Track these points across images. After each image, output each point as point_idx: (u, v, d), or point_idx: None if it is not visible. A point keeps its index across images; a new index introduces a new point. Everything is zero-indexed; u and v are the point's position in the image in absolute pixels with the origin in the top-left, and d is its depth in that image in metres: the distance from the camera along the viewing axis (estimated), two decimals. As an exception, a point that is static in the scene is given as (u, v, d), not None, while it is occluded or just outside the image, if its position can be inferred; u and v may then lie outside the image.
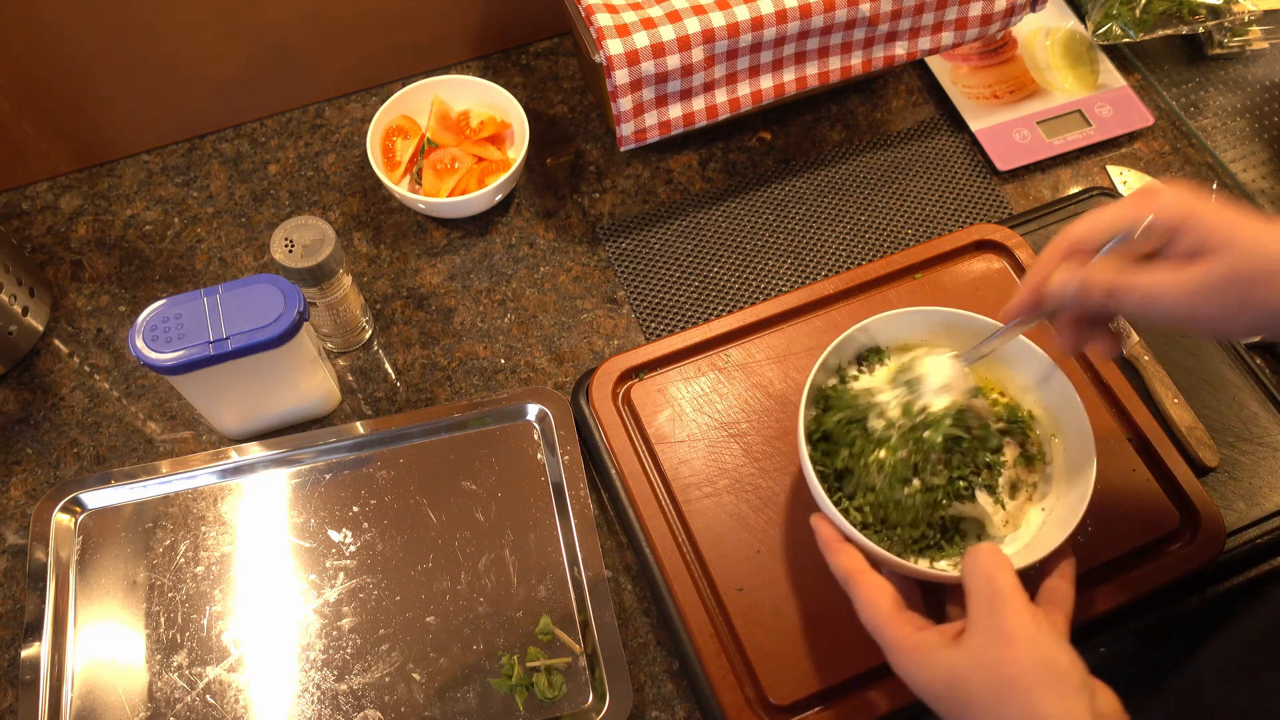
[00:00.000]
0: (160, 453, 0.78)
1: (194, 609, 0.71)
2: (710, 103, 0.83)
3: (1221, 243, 0.50)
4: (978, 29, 0.86)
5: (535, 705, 0.68)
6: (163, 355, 0.65)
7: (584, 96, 0.97)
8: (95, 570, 0.72)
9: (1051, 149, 0.94)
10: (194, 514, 0.74)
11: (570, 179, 0.92)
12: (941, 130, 0.96)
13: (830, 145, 0.95)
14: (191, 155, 0.93)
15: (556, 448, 0.76)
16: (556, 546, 0.73)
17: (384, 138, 0.88)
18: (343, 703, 0.68)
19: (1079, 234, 0.56)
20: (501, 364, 0.83)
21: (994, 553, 0.54)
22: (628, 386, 0.78)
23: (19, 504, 0.76)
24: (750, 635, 0.68)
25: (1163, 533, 0.71)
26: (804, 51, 0.83)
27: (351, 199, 0.90)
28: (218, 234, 0.88)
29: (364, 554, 0.73)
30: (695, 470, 0.73)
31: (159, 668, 0.69)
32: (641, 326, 0.85)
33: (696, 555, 0.71)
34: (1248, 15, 0.99)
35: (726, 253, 0.88)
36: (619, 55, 0.77)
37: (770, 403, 0.76)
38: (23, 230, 0.88)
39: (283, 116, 0.95)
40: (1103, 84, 0.98)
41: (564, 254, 0.88)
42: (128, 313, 0.84)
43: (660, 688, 0.70)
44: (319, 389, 0.77)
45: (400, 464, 0.76)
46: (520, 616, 0.71)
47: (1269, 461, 0.77)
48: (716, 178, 0.93)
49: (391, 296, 0.86)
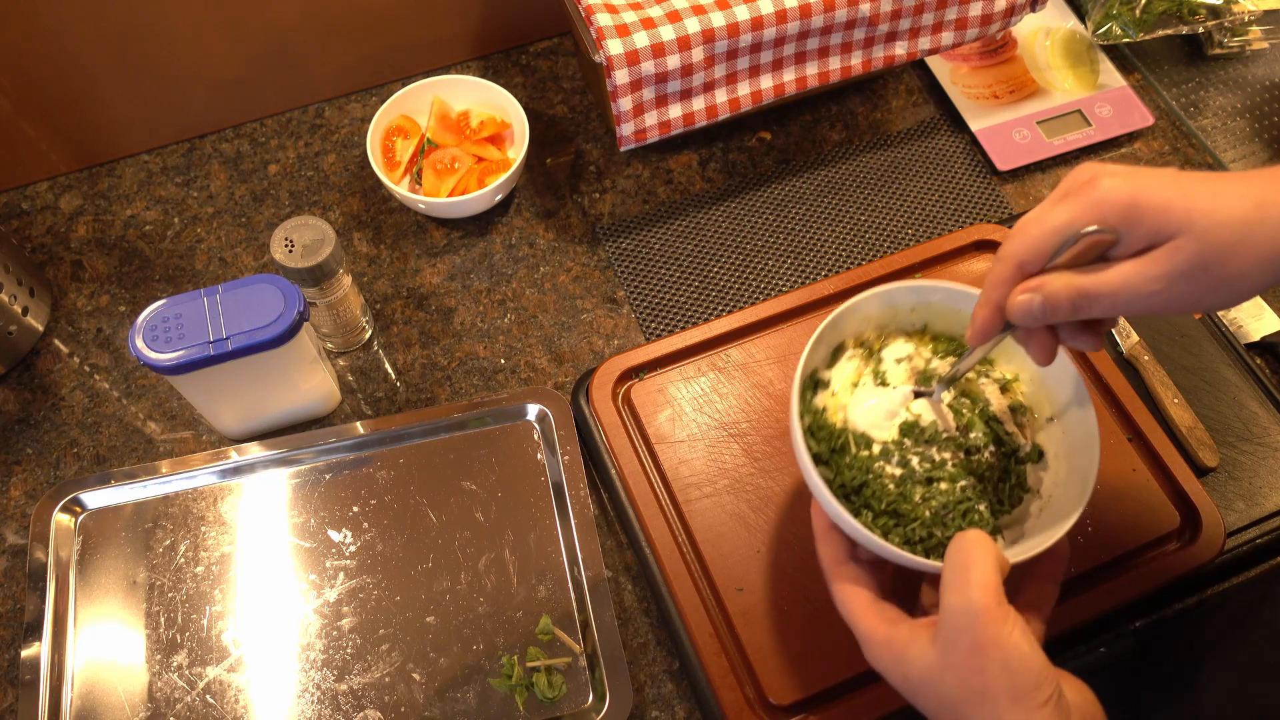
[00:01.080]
0: (160, 453, 0.78)
1: (194, 609, 0.71)
2: (710, 103, 0.83)
3: (1178, 227, 0.48)
4: (978, 29, 0.86)
5: (535, 705, 0.68)
6: (163, 355, 0.65)
7: (584, 96, 0.97)
8: (95, 570, 0.72)
9: (1051, 149, 0.94)
10: (194, 514, 0.74)
11: (570, 179, 0.92)
12: (941, 130, 0.96)
13: (830, 145, 0.95)
14: (191, 155, 0.93)
15: (556, 448, 0.76)
16: (556, 546, 0.73)
17: (384, 138, 0.88)
18: (343, 703, 0.68)
19: (1022, 254, 0.52)
20: (501, 364, 0.83)
21: (978, 546, 0.51)
22: (628, 386, 0.78)
23: (19, 504, 0.76)
24: (750, 635, 0.68)
25: (1163, 533, 0.72)
26: (804, 51, 0.83)
27: (351, 199, 0.90)
28: (218, 234, 0.88)
29: (364, 554, 0.73)
30: (695, 470, 0.73)
31: (159, 668, 0.69)
32: (641, 326, 0.85)
33: (696, 555, 0.71)
34: (1248, 15, 0.99)
35: (726, 253, 0.88)
36: (619, 55, 0.77)
37: (770, 403, 0.76)
38: (23, 230, 0.88)
39: (283, 116, 0.95)
40: (1103, 84, 0.98)
41: (564, 254, 0.88)
42: (128, 313, 0.84)
43: (660, 688, 0.70)
44: (319, 389, 0.77)
45: (400, 464, 0.76)
46: (520, 616, 0.71)
47: (1269, 461, 0.77)
48: (716, 178, 0.93)
49: (391, 296, 0.86)
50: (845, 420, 0.63)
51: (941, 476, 0.61)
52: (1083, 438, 0.61)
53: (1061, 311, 0.51)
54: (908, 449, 0.62)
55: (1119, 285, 0.49)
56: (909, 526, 0.60)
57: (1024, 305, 0.52)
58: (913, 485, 0.61)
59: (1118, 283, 0.49)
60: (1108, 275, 0.50)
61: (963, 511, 0.60)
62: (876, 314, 0.65)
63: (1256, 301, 0.86)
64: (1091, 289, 0.50)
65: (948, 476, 0.61)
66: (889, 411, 0.62)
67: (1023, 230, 0.52)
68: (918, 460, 0.61)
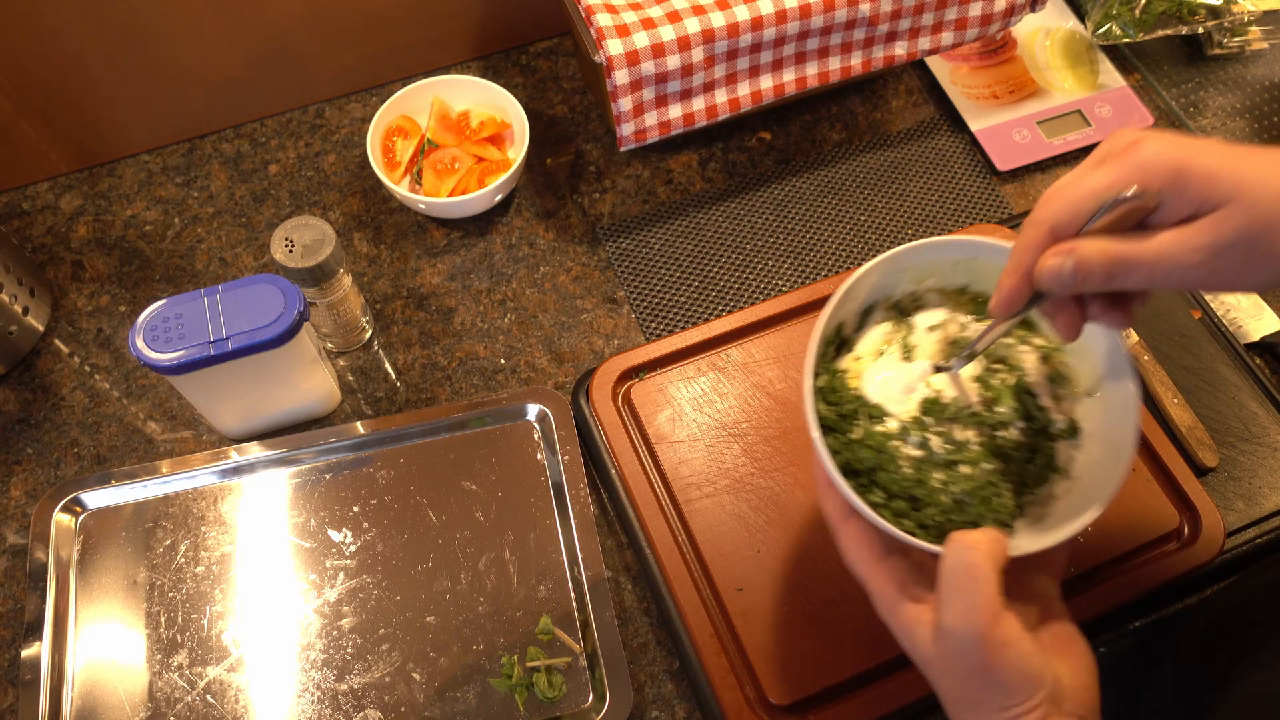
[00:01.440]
0: (160, 453, 0.78)
1: (194, 609, 0.71)
2: (710, 103, 0.83)
3: (1226, 195, 0.44)
4: (978, 29, 0.86)
5: (535, 705, 0.68)
6: (163, 355, 0.65)
7: (584, 96, 0.97)
8: (95, 570, 0.72)
9: (1051, 149, 0.94)
10: (194, 514, 0.74)
11: (570, 179, 0.92)
12: (941, 130, 0.96)
13: (830, 145, 0.95)
14: (191, 155, 0.93)
15: (556, 448, 0.76)
16: (556, 546, 0.73)
17: (384, 138, 0.88)
18: (343, 703, 0.68)
19: (1056, 218, 0.48)
20: (501, 364, 0.83)
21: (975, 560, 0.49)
22: (628, 386, 0.78)
23: (19, 504, 0.76)
24: (750, 635, 0.68)
25: (1163, 533, 0.72)
26: (804, 52, 0.83)
27: (351, 199, 0.90)
28: (218, 234, 0.88)
29: (364, 554, 0.73)
30: (695, 470, 0.73)
31: (159, 668, 0.69)
32: (641, 326, 0.85)
33: (696, 555, 0.71)
34: (1247, 15, 0.99)
35: (726, 253, 0.88)
36: (619, 55, 0.77)
37: (770, 403, 0.76)
38: (23, 230, 0.88)
39: (283, 116, 0.95)
40: (1102, 84, 0.98)
41: (564, 254, 0.88)
42: (128, 313, 0.84)
43: (660, 688, 0.70)
44: (319, 389, 0.77)
45: (400, 464, 0.76)
46: (520, 616, 0.71)
47: (1269, 461, 0.77)
48: (716, 178, 0.93)
49: (391, 296, 0.86)
50: (861, 387, 0.60)
51: (964, 459, 0.57)
52: (1121, 415, 0.56)
53: (1094, 279, 0.47)
54: (928, 428, 0.58)
55: (1159, 254, 0.46)
56: (925, 511, 0.56)
57: (1054, 269, 0.48)
58: (931, 469, 0.57)
59: (1157, 251, 0.46)
60: (1147, 244, 0.46)
61: (984, 497, 0.57)
62: (916, 267, 0.61)
63: (1256, 301, 0.86)
64: (1129, 256, 0.47)
65: (970, 459, 0.57)
66: (906, 386, 0.59)
67: (1057, 194, 0.48)
68: (939, 441, 0.58)
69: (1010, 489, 0.58)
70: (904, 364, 0.60)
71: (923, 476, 0.57)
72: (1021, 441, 0.59)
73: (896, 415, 0.59)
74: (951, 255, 0.60)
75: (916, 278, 0.61)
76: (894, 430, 0.58)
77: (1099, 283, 0.48)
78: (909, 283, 0.62)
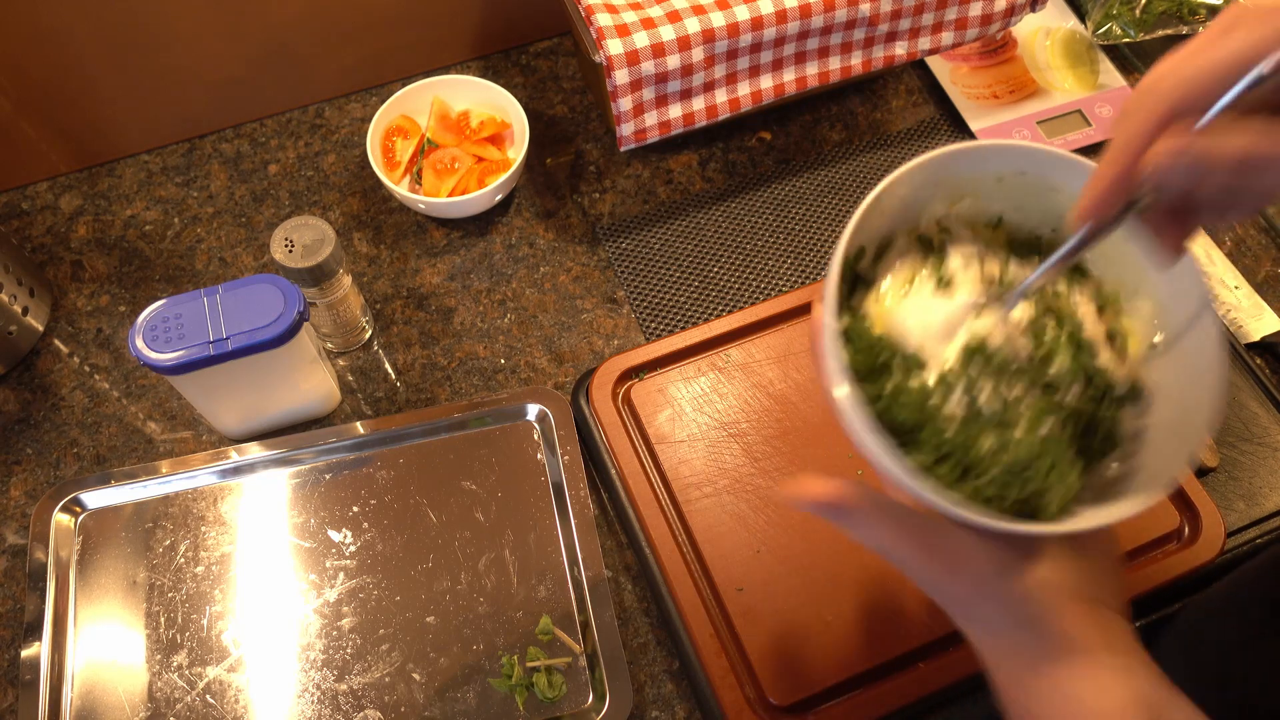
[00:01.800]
0: (160, 453, 0.78)
1: (194, 609, 0.71)
2: (710, 103, 0.83)
3: None
4: (978, 29, 0.86)
5: (535, 705, 0.68)
6: (163, 355, 0.65)
7: (584, 96, 0.97)
8: (95, 570, 0.72)
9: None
10: (194, 514, 0.74)
11: (570, 179, 0.92)
12: (941, 130, 0.96)
13: (830, 145, 0.95)
14: (191, 155, 0.93)
15: (556, 448, 0.76)
16: (556, 546, 0.73)
17: (384, 138, 0.88)
18: (343, 703, 0.68)
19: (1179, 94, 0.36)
20: (501, 364, 0.83)
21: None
22: (628, 386, 0.78)
23: (19, 504, 0.76)
24: (750, 635, 0.68)
25: (1162, 532, 0.72)
26: (804, 51, 0.83)
27: (351, 199, 0.90)
28: (218, 234, 0.88)
29: (364, 554, 0.73)
30: (695, 470, 0.73)
31: (159, 668, 0.69)
32: (641, 326, 0.85)
33: (696, 555, 0.71)
34: (1248, 15, 0.99)
35: (726, 253, 0.88)
36: (619, 55, 0.77)
37: (770, 402, 0.76)
38: (23, 230, 0.88)
39: (283, 116, 0.95)
40: (1103, 84, 0.98)
41: (564, 254, 0.88)
42: (128, 313, 0.84)
43: (660, 688, 0.70)
44: (319, 389, 0.77)
45: (400, 464, 0.76)
46: (520, 616, 0.71)
47: (1269, 461, 0.77)
48: (716, 178, 0.93)
49: (391, 296, 0.86)
50: (889, 332, 0.48)
51: (1016, 420, 0.46)
52: (1203, 367, 0.46)
53: (1220, 173, 0.36)
54: (973, 380, 0.47)
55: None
56: (977, 481, 0.46)
57: (1170, 157, 0.37)
58: (980, 429, 0.46)
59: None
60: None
61: (1046, 471, 0.46)
62: (953, 181, 0.50)
63: (1257, 301, 0.86)
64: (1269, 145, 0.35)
65: (1024, 422, 0.46)
66: (948, 325, 0.48)
67: (1175, 70, 0.37)
68: (986, 396, 0.46)
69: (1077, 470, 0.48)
70: (940, 299, 0.48)
71: (969, 439, 0.46)
72: (1079, 409, 0.48)
73: (936, 365, 0.47)
74: (998, 167, 0.49)
75: (951, 196, 0.51)
76: (933, 383, 0.47)
77: (1226, 175, 0.37)
78: (941, 202, 0.51)
